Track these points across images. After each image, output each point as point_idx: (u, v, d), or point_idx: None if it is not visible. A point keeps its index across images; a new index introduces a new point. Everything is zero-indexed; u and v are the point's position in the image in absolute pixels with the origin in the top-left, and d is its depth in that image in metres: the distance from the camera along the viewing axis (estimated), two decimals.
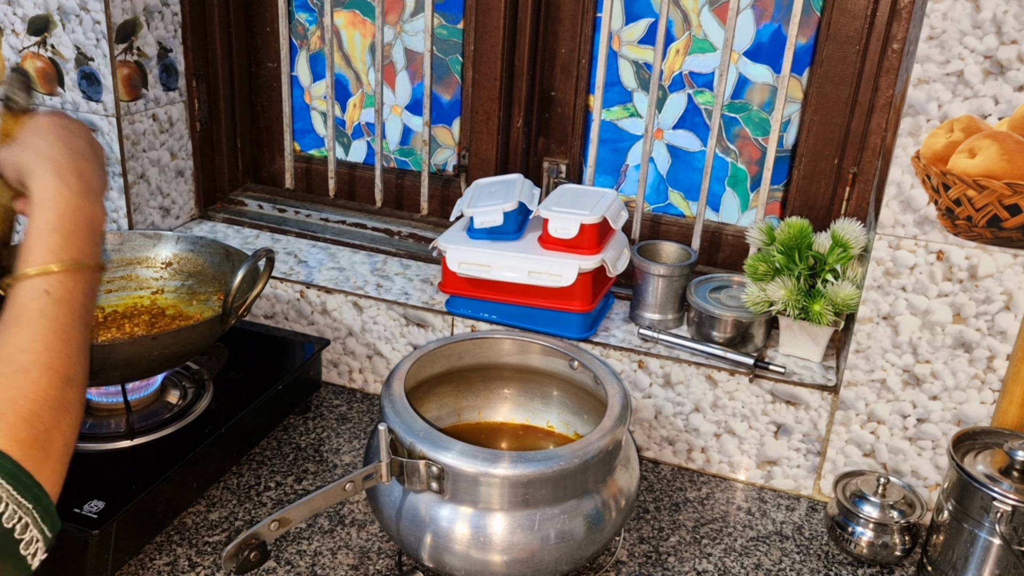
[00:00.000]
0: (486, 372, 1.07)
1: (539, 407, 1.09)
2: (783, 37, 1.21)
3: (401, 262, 1.38)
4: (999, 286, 0.96)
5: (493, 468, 0.83)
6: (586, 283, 1.14)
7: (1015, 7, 0.88)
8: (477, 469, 0.83)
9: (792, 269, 1.10)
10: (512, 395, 1.09)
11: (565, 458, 0.84)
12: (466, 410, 1.09)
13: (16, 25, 1.30)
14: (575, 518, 0.86)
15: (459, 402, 1.09)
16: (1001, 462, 0.92)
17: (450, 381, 1.06)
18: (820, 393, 1.09)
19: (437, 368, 1.04)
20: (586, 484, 0.87)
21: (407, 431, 0.86)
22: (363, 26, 1.43)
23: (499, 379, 1.08)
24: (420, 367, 1.00)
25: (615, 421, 0.90)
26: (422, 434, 0.86)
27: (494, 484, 0.83)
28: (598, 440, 0.87)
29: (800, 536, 1.07)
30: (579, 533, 0.86)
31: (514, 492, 0.84)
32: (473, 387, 1.08)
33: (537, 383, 1.08)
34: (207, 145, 1.49)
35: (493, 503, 0.84)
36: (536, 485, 0.84)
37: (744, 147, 1.29)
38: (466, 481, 0.83)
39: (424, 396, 1.04)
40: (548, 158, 1.38)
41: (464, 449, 0.84)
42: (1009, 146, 0.91)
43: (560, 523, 0.85)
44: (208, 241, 1.15)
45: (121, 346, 0.96)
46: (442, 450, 0.84)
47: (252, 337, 1.27)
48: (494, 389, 1.09)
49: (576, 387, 1.04)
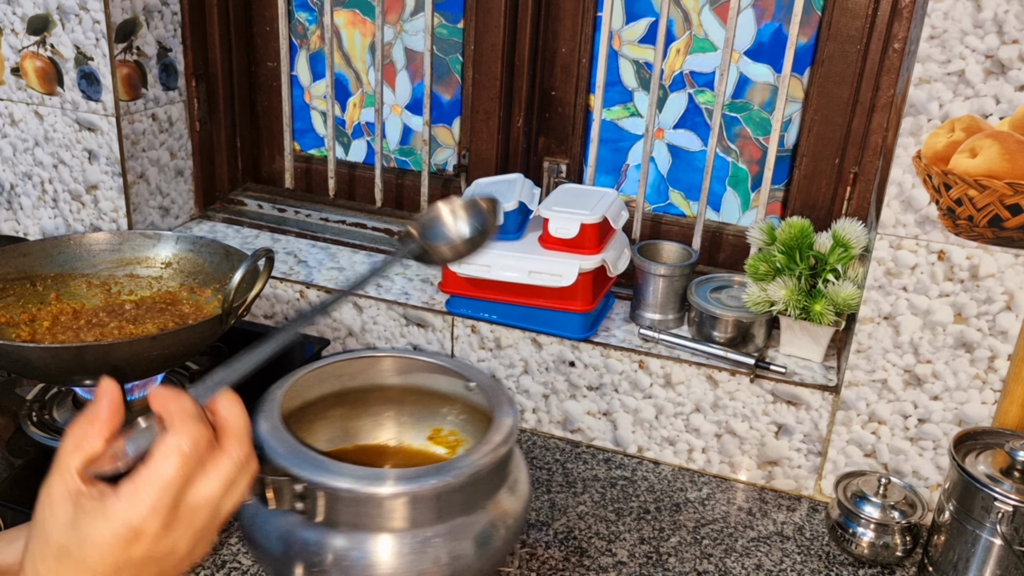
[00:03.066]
0: (382, 392, 1.01)
1: (431, 427, 1.03)
2: (784, 36, 1.21)
3: (401, 262, 1.38)
4: (1000, 286, 0.96)
5: (358, 485, 0.77)
6: (586, 283, 1.14)
7: (1016, 6, 0.88)
8: (343, 485, 0.77)
9: (793, 269, 1.09)
10: (402, 415, 1.02)
11: (440, 474, 0.78)
12: (359, 431, 1.02)
13: (16, 25, 1.29)
14: (460, 539, 0.80)
15: (350, 423, 1.02)
16: (1002, 462, 0.92)
17: (345, 403, 1.00)
18: (821, 393, 1.09)
19: (327, 388, 0.97)
20: (469, 502, 0.81)
21: (271, 448, 0.81)
22: (363, 25, 1.43)
23: (393, 400, 1.02)
24: (306, 387, 0.94)
25: (504, 436, 0.84)
26: (286, 451, 0.80)
27: (363, 502, 0.77)
28: (478, 459, 0.81)
29: (801, 537, 1.07)
30: (460, 554, 0.80)
31: (378, 510, 0.78)
32: (369, 408, 1.01)
33: (431, 403, 1.01)
34: (207, 145, 1.49)
35: (362, 524, 0.79)
36: (419, 503, 0.78)
37: (745, 147, 1.29)
38: (334, 500, 0.78)
39: (314, 418, 0.98)
40: (548, 158, 1.38)
41: (327, 464, 0.78)
42: (1010, 146, 0.91)
43: (445, 544, 0.79)
44: (208, 241, 1.15)
45: (120, 346, 0.96)
46: (307, 466, 0.78)
47: (252, 337, 1.26)
48: (384, 410, 1.02)
49: (472, 408, 0.98)
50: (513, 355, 1.21)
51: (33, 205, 1.41)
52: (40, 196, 1.40)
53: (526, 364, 1.21)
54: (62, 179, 1.37)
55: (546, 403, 1.22)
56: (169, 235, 1.16)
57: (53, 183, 1.38)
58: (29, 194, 1.40)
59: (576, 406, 1.21)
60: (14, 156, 1.38)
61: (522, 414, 1.24)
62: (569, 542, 1.04)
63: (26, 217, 1.42)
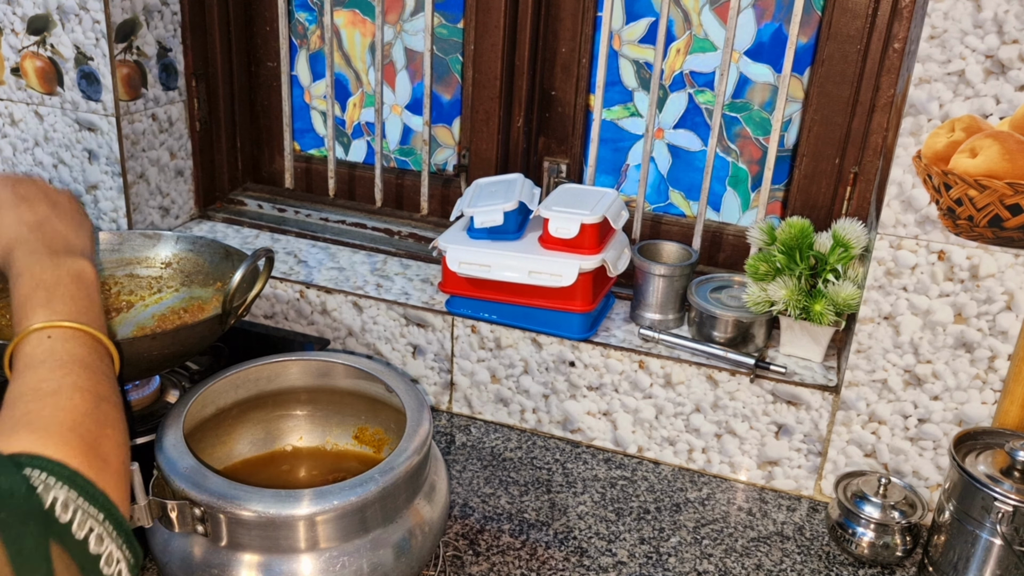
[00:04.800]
0: (302, 395, 1.01)
1: (356, 427, 1.03)
2: (784, 36, 1.21)
3: (401, 262, 1.38)
4: (1000, 286, 0.96)
5: (238, 504, 0.76)
6: (586, 283, 1.14)
7: (1016, 6, 0.88)
8: (231, 506, 0.75)
9: (793, 269, 1.09)
10: (324, 416, 1.02)
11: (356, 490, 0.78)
12: (282, 433, 1.02)
13: (16, 24, 1.29)
14: (379, 548, 0.80)
15: (272, 425, 1.02)
16: (1002, 462, 0.92)
17: (264, 406, 1.00)
18: (821, 393, 1.09)
19: (243, 393, 0.97)
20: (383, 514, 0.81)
21: (172, 469, 0.79)
22: (363, 25, 1.43)
23: (313, 402, 1.01)
24: (220, 393, 0.94)
25: (419, 444, 0.84)
26: (186, 471, 0.78)
27: (268, 525, 0.76)
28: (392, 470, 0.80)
29: (801, 537, 1.07)
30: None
31: (290, 532, 0.77)
32: (290, 410, 1.01)
33: (353, 404, 1.01)
34: (207, 145, 1.49)
35: (272, 546, 0.78)
36: (327, 523, 0.77)
37: (745, 147, 1.29)
38: (236, 524, 0.76)
39: (234, 422, 0.98)
40: (548, 158, 1.38)
41: (224, 488, 0.77)
42: (1010, 146, 0.91)
43: (364, 557, 0.79)
44: (208, 241, 1.15)
45: (120, 345, 0.95)
46: (206, 490, 0.76)
47: (252, 337, 1.27)
48: (305, 411, 1.02)
49: (393, 408, 0.97)
50: (513, 355, 1.21)
51: None
52: None
53: (526, 364, 1.21)
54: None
55: (546, 403, 1.22)
56: (169, 235, 1.16)
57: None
58: None
59: (576, 406, 1.21)
60: (14, 156, 1.38)
61: (522, 414, 1.24)
62: (569, 542, 1.04)
63: None
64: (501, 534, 1.04)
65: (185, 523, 0.78)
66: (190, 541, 0.80)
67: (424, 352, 1.26)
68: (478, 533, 1.04)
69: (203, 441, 0.94)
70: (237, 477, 0.85)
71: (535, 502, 1.10)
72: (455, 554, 1.00)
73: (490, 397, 1.25)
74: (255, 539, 0.77)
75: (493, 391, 1.24)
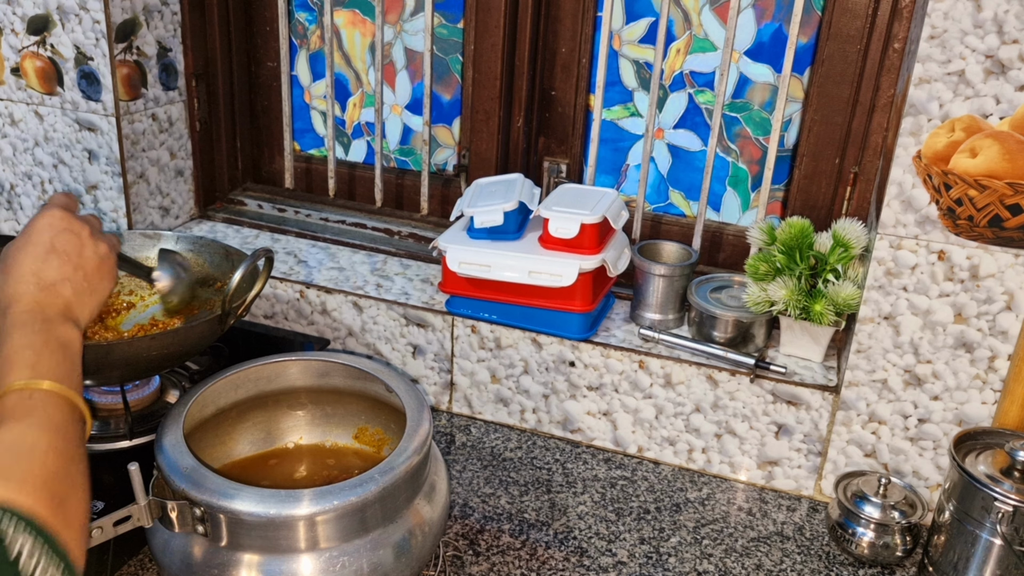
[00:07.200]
0: (302, 395, 1.01)
1: (356, 426, 1.03)
2: (784, 36, 1.21)
3: (401, 262, 1.38)
4: (1000, 286, 0.96)
5: (238, 504, 0.76)
6: (586, 283, 1.14)
7: (1016, 6, 0.88)
8: (231, 506, 0.76)
9: (793, 269, 1.09)
10: (325, 416, 1.02)
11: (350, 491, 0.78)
12: (283, 432, 1.02)
13: (16, 24, 1.29)
14: (379, 548, 0.80)
15: (273, 425, 1.01)
16: (1002, 462, 0.92)
17: (264, 406, 1.00)
18: (821, 393, 1.09)
19: (242, 394, 0.97)
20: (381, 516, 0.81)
21: (172, 469, 0.79)
22: (363, 25, 1.43)
23: (313, 402, 1.02)
24: (219, 394, 0.94)
25: (419, 444, 0.84)
26: (186, 470, 0.79)
27: (268, 526, 0.76)
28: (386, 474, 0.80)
29: (801, 537, 1.07)
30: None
31: (290, 532, 0.77)
32: (291, 410, 1.01)
33: (353, 404, 1.01)
34: (207, 145, 1.49)
35: (272, 546, 0.78)
36: (329, 523, 0.78)
37: (745, 147, 1.29)
38: (237, 524, 0.77)
39: (234, 422, 0.98)
40: (548, 158, 1.38)
41: (224, 484, 0.77)
42: (1010, 146, 0.91)
43: (365, 556, 0.79)
44: (208, 241, 1.15)
45: (119, 346, 0.96)
46: (206, 489, 0.76)
47: (252, 337, 1.27)
48: (306, 411, 1.02)
49: (392, 408, 0.97)
50: (513, 355, 1.21)
51: (33, 205, 1.41)
52: (40, 196, 1.40)
53: (526, 364, 1.21)
54: (62, 179, 1.37)
55: (546, 403, 1.22)
56: (169, 235, 1.16)
57: (53, 183, 1.38)
58: (29, 194, 1.40)
59: (576, 406, 1.21)
60: (14, 156, 1.38)
61: (522, 414, 1.24)
62: (569, 542, 1.04)
63: (26, 217, 1.42)
64: (501, 534, 1.04)
65: (185, 523, 0.78)
66: (190, 541, 0.80)
67: (424, 352, 1.26)
68: (478, 533, 1.04)
69: (203, 441, 0.94)
70: (237, 477, 0.85)
71: (535, 502, 1.10)
72: (455, 554, 1.00)
73: (490, 397, 1.25)
74: (255, 539, 0.78)
75: (493, 391, 1.24)
